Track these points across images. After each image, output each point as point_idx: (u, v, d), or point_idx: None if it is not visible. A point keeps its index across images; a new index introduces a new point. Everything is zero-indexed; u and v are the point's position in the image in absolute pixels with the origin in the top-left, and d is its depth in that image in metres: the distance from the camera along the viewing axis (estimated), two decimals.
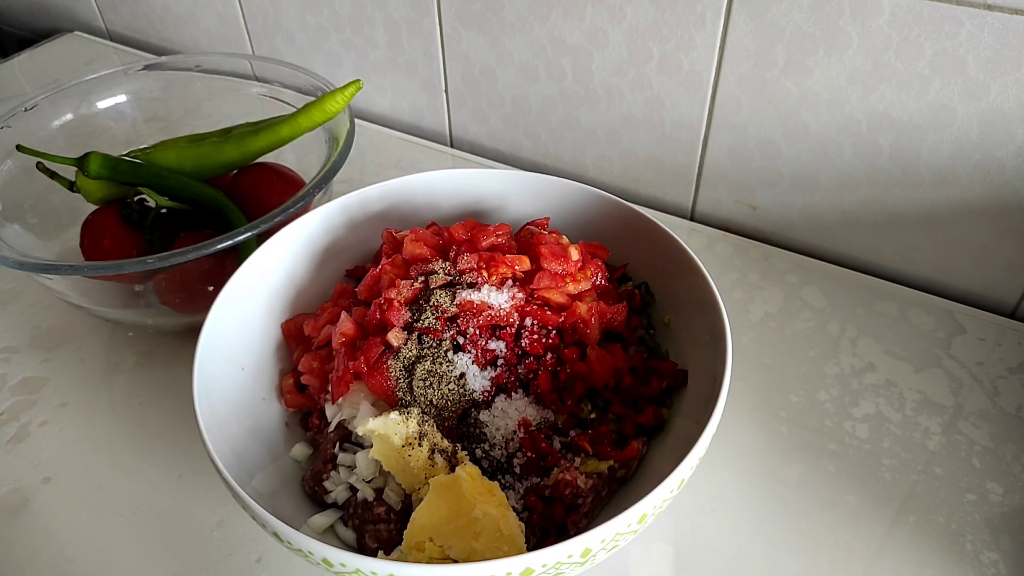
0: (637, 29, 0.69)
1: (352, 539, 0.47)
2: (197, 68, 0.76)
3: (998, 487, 0.53)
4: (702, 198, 0.77)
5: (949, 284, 0.68)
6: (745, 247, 0.73)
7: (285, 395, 0.54)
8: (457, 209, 0.62)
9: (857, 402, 0.59)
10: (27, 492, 0.55)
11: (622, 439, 0.49)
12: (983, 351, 0.62)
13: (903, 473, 0.54)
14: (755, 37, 0.64)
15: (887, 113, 0.62)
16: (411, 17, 0.82)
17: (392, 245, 0.57)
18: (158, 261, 0.54)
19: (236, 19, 0.98)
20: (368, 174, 0.84)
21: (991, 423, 0.57)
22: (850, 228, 0.70)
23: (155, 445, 0.58)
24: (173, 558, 0.51)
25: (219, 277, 0.55)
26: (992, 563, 0.49)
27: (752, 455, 0.55)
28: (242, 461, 0.45)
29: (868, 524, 0.51)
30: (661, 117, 0.74)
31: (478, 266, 0.51)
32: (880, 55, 0.60)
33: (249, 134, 0.64)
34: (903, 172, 0.64)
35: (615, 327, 0.52)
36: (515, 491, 0.46)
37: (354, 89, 0.62)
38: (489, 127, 0.86)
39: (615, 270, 0.57)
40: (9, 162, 0.66)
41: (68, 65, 1.09)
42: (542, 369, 0.49)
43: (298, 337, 0.56)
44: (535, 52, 0.77)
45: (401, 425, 0.45)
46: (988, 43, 0.55)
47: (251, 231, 0.55)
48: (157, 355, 0.65)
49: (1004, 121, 0.58)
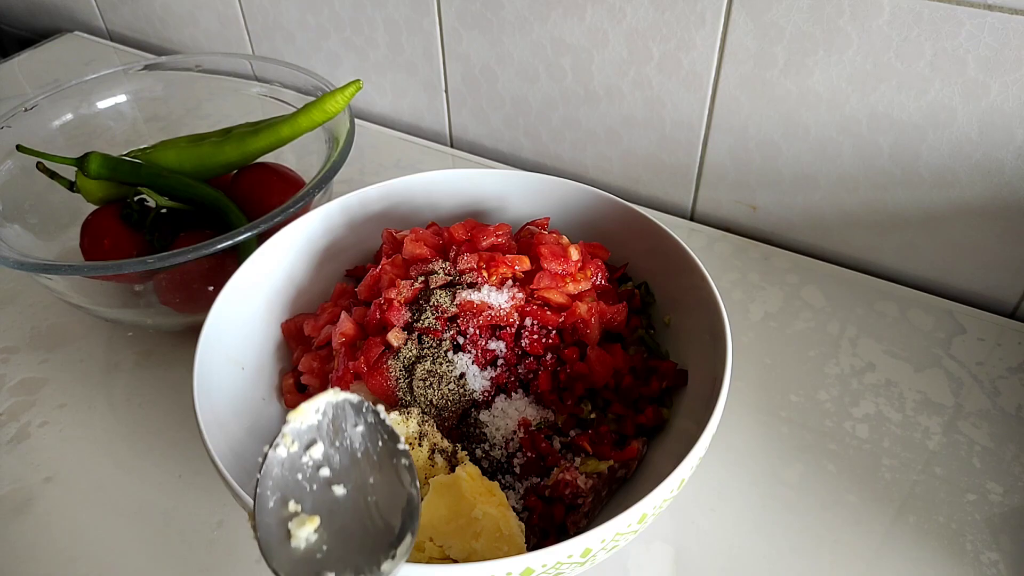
0: (637, 29, 0.69)
1: None
2: (197, 68, 0.76)
3: (998, 487, 0.53)
4: (702, 198, 0.77)
5: (949, 284, 0.68)
6: (745, 247, 0.73)
7: (285, 395, 0.54)
8: (457, 209, 0.62)
9: (857, 402, 0.59)
10: (28, 492, 0.55)
11: (622, 439, 0.49)
12: (983, 351, 0.62)
13: (903, 473, 0.54)
14: (755, 37, 0.64)
15: (887, 113, 0.62)
16: (411, 17, 0.82)
17: (392, 245, 0.57)
18: (158, 261, 0.54)
19: (236, 19, 0.98)
20: (368, 174, 0.84)
21: (991, 423, 0.57)
22: (850, 228, 0.70)
23: (155, 445, 0.58)
24: (173, 558, 0.51)
25: (219, 277, 0.55)
26: (992, 563, 0.49)
27: (752, 455, 0.55)
28: (242, 461, 0.45)
29: (868, 524, 0.51)
30: (661, 117, 0.74)
31: (478, 266, 0.51)
32: (880, 55, 0.60)
33: (249, 134, 0.64)
34: (903, 172, 0.64)
35: (615, 327, 0.52)
36: (515, 491, 0.46)
37: (354, 89, 0.62)
38: (489, 127, 0.86)
39: (615, 270, 0.57)
40: (9, 162, 0.66)
41: (68, 65, 1.09)
42: (542, 369, 0.49)
43: (298, 337, 0.56)
44: (535, 52, 0.77)
45: (401, 425, 0.45)
46: (988, 43, 0.55)
47: (251, 231, 0.55)
48: (157, 355, 0.65)
49: (1004, 121, 0.58)
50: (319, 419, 0.36)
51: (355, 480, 0.36)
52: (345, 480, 0.36)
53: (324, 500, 0.35)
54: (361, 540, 0.35)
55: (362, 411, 0.37)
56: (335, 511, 0.35)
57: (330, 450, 0.36)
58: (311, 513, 0.35)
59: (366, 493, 0.36)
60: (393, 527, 0.35)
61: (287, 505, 0.35)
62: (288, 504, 0.35)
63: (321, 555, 0.34)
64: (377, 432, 0.37)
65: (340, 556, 0.34)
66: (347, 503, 0.35)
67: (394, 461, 0.37)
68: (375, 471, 0.36)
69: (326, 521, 0.34)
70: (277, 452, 0.35)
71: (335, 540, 0.34)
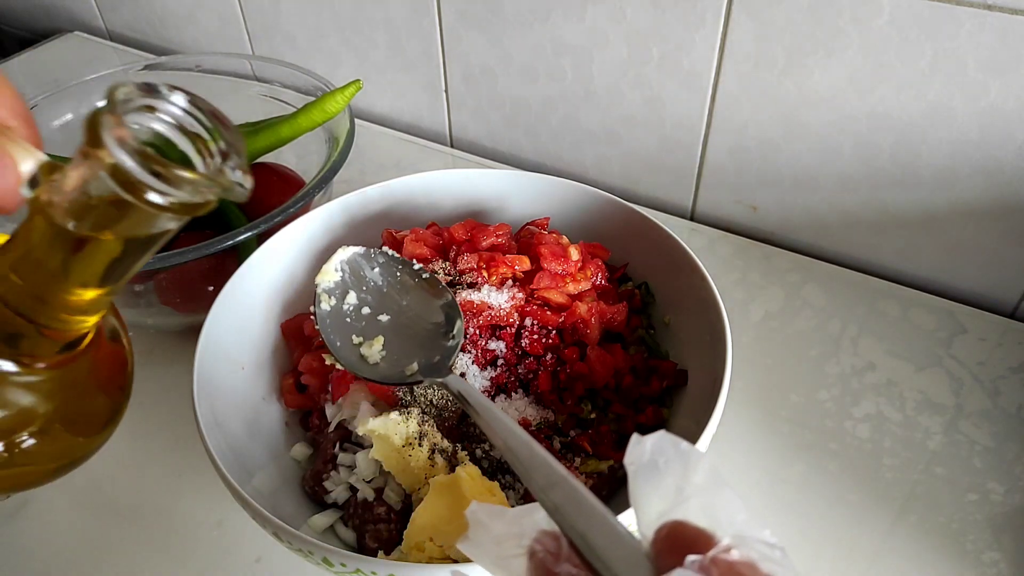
0: (637, 29, 0.69)
1: (352, 539, 0.47)
2: (197, 68, 0.76)
3: (999, 487, 0.53)
4: (702, 198, 0.77)
5: (950, 284, 0.68)
6: (745, 247, 0.73)
7: (285, 395, 0.54)
8: (457, 209, 0.62)
9: (858, 401, 0.59)
10: (27, 492, 0.55)
11: (622, 439, 0.49)
12: (984, 351, 0.62)
13: (904, 473, 0.54)
14: (755, 37, 0.64)
15: (887, 113, 0.62)
16: (411, 17, 0.82)
17: (392, 245, 0.57)
18: (158, 261, 0.53)
19: (236, 19, 0.98)
20: (368, 174, 0.84)
21: (992, 423, 0.57)
22: (850, 228, 0.70)
23: (155, 445, 0.58)
24: (173, 557, 0.51)
25: (219, 277, 0.55)
26: (993, 563, 0.49)
27: (753, 455, 0.55)
28: (242, 461, 0.45)
29: (869, 524, 0.51)
30: (661, 117, 0.74)
31: (478, 266, 0.51)
32: (880, 55, 0.60)
33: (249, 134, 0.63)
34: (903, 172, 0.64)
35: (615, 327, 0.52)
36: (515, 491, 0.46)
37: (354, 89, 0.62)
38: (489, 127, 0.86)
39: (615, 270, 0.57)
40: None
41: (68, 65, 1.09)
42: (542, 369, 0.49)
43: (298, 337, 0.56)
44: (535, 52, 0.77)
45: (401, 425, 0.45)
46: (988, 43, 0.55)
47: (251, 231, 0.55)
48: (157, 355, 0.65)
49: (1004, 121, 0.58)
50: (341, 276, 0.45)
51: (392, 307, 0.45)
52: (384, 310, 0.44)
53: (376, 327, 0.44)
54: (420, 340, 0.44)
55: (371, 256, 0.46)
56: (388, 331, 0.44)
57: (361, 295, 0.45)
58: (371, 339, 0.43)
59: (405, 312, 0.44)
60: (440, 322, 0.44)
61: (351, 339, 0.44)
62: (352, 338, 0.44)
63: (396, 359, 0.43)
64: (391, 266, 0.46)
65: (410, 353, 0.43)
66: (395, 323, 0.44)
67: (415, 280, 0.45)
68: (404, 294, 0.45)
69: (387, 339, 0.43)
70: (321, 308, 0.44)
71: (401, 347, 0.43)
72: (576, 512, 0.24)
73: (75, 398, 0.30)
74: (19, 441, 0.28)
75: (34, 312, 0.26)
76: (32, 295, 0.26)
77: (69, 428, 0.30)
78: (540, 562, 0.23)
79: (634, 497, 0.22)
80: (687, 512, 0.21)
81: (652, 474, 0.22)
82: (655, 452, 0.22)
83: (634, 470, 0.22)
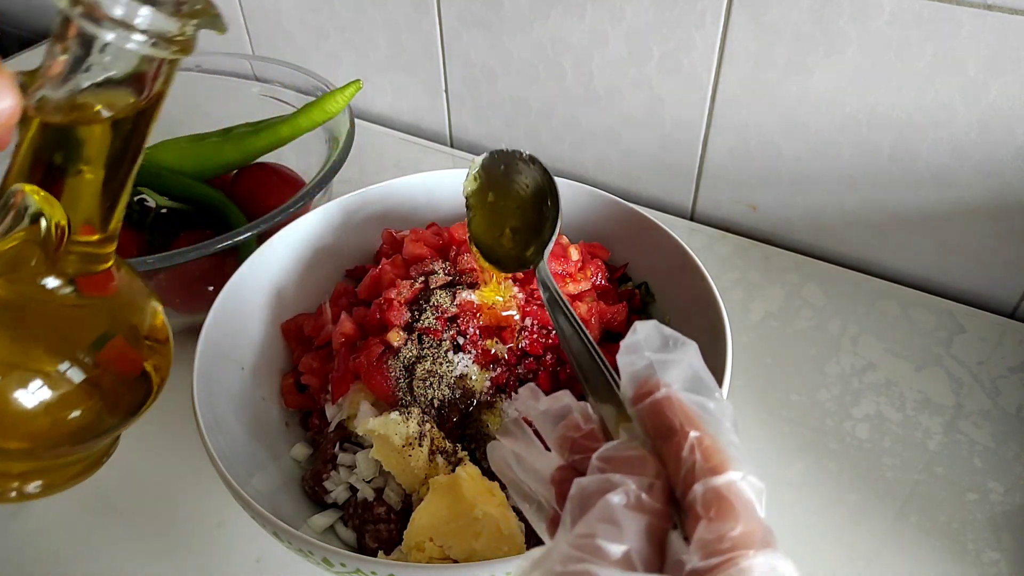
0: (637, 29, 0.69)
1: (352, 539, 0.47)
2: (197, 68, 0.76)
3: (999, 486, 0.53)
4: (702, 198, 0.77)
5: (949, 284, 0.68)
6: (745, 247, 0.73)
7: (285, 395, 0.54)
8: (457, 209, 0.62)
9: (858, 401, 0.59)
10: None
11: None
12: (984, 351, 0.62)
13: (904, 472, 0.54)
14: (755, 37, 0.64)
15: (887, 113, 0.62)
16: (411, 17, 0.82)
17: (392, 245, 0.57)
18: (158, 261, 0.53)
19: (236, 19, 0.98)
20: (368, 174, 0.84)
21: (992, 422, 0.57)
22: (850, 228, 0.70)
23: (155, 445, 0.58)
24: (173, 558, 0.51)
25: (219, 277, 0.55)
26: (993, 562, 0.49)
27: (753, 454, 0.55)
28: (242, 461, 0.45)
29: (869, 523, 0.51)
30: (661, 117, 0.74)
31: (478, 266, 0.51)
32: (880, 55, 0.60)
33: (249, 134, 0.64)
34: (903, 172, 0.64)
35: (615, 327, 0.52)
36: None
37: (354, 89, 0.62)
38: (489, 127, 0.86)
39: (615, 270, 0.57)
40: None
41: None
42: (542, 369, 0.49)
43: (298, 337, 0.56)
44: (535, 52, 0.77)
45: (401, 425, 0.45)
46: (988, 43, 0.55)
47: (251, 231, 0.55)
48: None
49: (1004, 121, 0.58)
50: (478, 183, 0.52)
51: (489, 197, 0.52)
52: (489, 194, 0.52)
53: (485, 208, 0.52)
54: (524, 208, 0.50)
55: (504, 156, 0.52)
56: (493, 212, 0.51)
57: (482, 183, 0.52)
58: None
59: (499, 200, 0.51)
60: (541, 196, 0.49)
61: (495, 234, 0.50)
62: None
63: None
64: (478, 176, 0.53)
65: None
66: (498, 205, 0.51)
67: (508, 174, 0.51)
68: (491, 190, 0.52)
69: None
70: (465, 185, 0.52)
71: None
72: None
73: (117, 358, 0.33)
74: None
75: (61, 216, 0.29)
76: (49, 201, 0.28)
77: (110, 395, 0.32)
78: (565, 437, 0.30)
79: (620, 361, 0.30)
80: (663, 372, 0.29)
81: (634, 347, 0.30)
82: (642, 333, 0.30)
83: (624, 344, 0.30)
